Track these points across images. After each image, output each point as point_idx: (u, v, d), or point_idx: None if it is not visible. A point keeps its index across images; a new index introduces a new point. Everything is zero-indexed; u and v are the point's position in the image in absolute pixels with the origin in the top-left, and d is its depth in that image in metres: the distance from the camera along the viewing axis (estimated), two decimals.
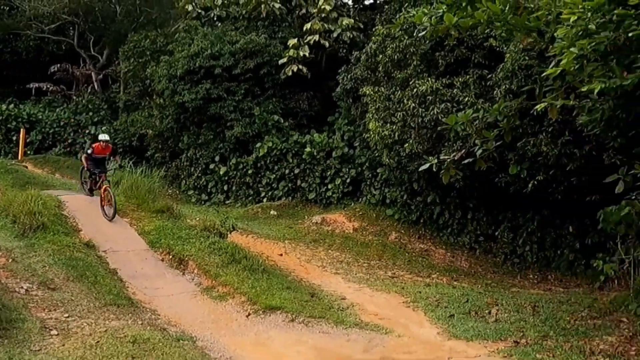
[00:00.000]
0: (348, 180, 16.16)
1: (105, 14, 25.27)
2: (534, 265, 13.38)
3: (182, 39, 18.93)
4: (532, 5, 6.84)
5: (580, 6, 5.46)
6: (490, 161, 9.77)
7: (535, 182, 11.30)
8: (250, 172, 17.46)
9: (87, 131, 21.98)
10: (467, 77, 12.28)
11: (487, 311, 9.70)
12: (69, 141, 22.35)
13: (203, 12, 19.72)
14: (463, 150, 9.20)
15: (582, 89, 6.30)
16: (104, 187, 12.56)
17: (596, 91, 5.94)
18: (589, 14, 5.51)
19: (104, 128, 20.56)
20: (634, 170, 7.61)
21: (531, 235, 13.36)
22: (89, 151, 13.46)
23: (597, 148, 10.00)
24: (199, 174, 18.42)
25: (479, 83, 12.17)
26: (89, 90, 24.82)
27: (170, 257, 11.16)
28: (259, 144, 17.23)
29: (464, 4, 7.42)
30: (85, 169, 13.61)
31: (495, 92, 11.21)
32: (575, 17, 5.50)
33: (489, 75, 11.96)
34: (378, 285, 10.99)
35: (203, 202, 17.53)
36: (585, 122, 7.96)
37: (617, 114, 7.14)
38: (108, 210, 12.36)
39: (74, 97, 24.53)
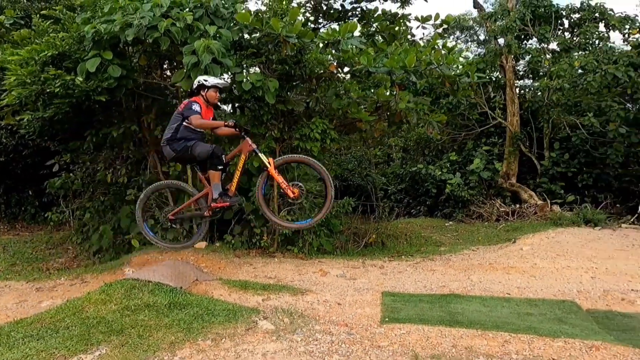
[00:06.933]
0: None
1: None
2: (4, 219, 13.37)
3: None
4: None
5: (19, 71, 6.56)
6: None
7: None
8: None
9: None
10: None
11: None
12: None
13: None
14: None
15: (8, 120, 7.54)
16: (271, 163, 5.40)
17: (25, 119, 7.23)
18: (26, 74, 6.60)
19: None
20: (63, 158, 9.41)
21: None
22: (196, 108, 5.37)
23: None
24: None
25: None
26: None
27: None
28: None
29: None
30: (204, 152, 5.35)
31: None
32: (15, 77, 6.57)
33: None
34: None
35: None
36: (24, 133, 8.98)
37: (47, 129, 8.61)
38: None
39: None
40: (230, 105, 9.02)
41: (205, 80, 5.59)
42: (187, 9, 6.57)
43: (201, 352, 4.08)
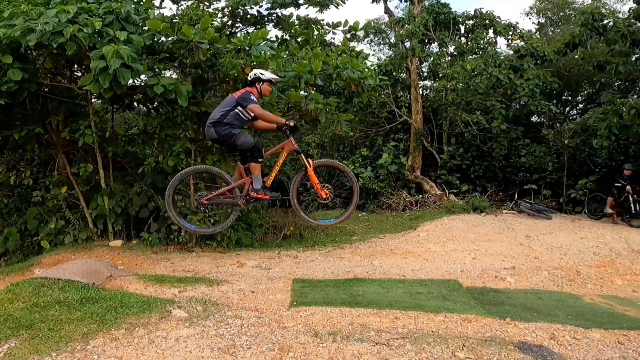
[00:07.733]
0: None
1: None
2: None
3: None
4: None
5: None
6: None
7: None
8: None
9: None
10: None
11: None
12: None
13: None
14: None
15: None
16: (311, 165, 5.58)
17: None
18: None
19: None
20: None
21: None
22: (253, 98, 5.37)
23: None
24: None
25: None
26: None
27: None
28: None
29: None
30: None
31: None
32: None
33: None
34: None
35: None
36: None
37: None
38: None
39: None
40: (144, 107, 9.00)
41: (262, 74, 5.65)
42: (97, 15, 6.52)
43: (115, 340, 4.28)
